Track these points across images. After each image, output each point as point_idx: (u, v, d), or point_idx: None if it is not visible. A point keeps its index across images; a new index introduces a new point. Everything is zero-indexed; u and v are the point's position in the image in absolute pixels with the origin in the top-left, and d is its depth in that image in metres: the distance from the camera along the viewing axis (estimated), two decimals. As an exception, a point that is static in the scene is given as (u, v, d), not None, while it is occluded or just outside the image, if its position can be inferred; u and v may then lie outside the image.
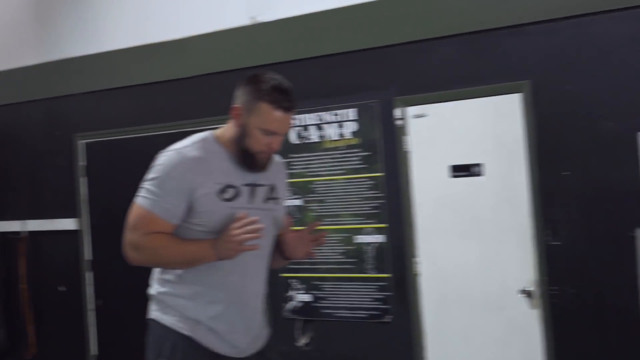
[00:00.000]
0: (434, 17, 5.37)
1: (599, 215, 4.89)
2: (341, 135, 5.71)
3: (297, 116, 5.83)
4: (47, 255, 7.36)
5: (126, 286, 6.87)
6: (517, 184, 5.14)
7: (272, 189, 3.52)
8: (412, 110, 5.47)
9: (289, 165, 5.87)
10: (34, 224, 7.33)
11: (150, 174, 3.32)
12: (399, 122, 5.48)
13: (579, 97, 4.93)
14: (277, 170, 3.59)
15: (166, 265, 3.36)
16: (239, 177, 3.37)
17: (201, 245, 3.24)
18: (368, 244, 5.65)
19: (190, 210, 3.27)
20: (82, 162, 7.08)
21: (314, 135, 5.82)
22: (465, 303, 5.37)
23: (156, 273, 3.49)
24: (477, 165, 5.27)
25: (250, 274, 3.40)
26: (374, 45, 5.58)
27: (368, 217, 5.64)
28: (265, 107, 3.25)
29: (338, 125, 5.72)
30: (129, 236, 3.31)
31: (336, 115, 5.73)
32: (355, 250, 5.70)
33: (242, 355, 3.43)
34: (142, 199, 3.29)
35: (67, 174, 7.14)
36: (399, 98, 5.48)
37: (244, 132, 3.30)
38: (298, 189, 5.87)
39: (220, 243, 3.18)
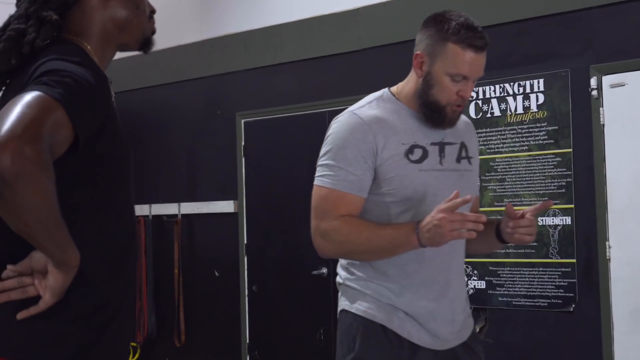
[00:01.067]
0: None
1: None
2: (526, 108, 5.29)
3: (475, 88, 5.44)
4: (201, 238, 7.17)
5: (280, 272, 6.64)
6: None
7: (463, 147, 3.00)
8: (608, 79, 5.00)
9: (466, 140, 5.49)
10: (190, 206, 7.13)
11: (325, 147, 2.87)
12: (593, 93, 5.03)
13: None
14: (465, 128, 3.05)
15: (359, 255, 2.86)
16: (425, 136, 2.88)
17: (401, 229, 2.73)
18: (552, 226, 5.21)
19: (375, 179, 2.83)
20: (242, 142, 6.85)
21: (495, 109, 5.42)
22: (662, 292, 4.87)
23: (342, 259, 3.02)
24: (684, 138, 4.78)
25: (449, 246, 2.80)
26: (566, 9, 5.17)
27: (553, 197, 5.20)
28: (453, 48, 2.79)
29: (523, 97, 5.31)
30: (316, 224, 2.84)
31: (521, 86, 5.31)
32: (538, 233, 5.19)
33: (446, 347, 2.89)
34: (322, 178, 2.84)
35: (227, 155, 6.94)
36: (594, 66, 5.04)
37: (429, 82, 2.83)
38: (475, 167, 5.47)
39: (426, 227, 2.64)
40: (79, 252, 1.94)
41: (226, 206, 6.91)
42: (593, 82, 5.02)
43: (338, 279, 2.99)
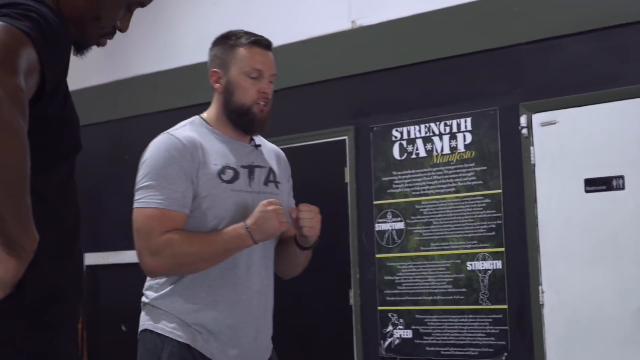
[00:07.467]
0: (565, 10, 4.78)
1: None
2: (453, 148, 5.09)
3: (400, 128, 5.23)
4: (107, 291, 6.76)
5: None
6: (667, 198, 4.50)
7: (271, 172, 3.25)
8: (539, 117, 4.84)
9: (391, 183, 5.25)
10: (95, 257, 6.72)
11: (143, 170, 3.04)
12: (523, 132, 4.86)
13: None
14: (275, 156, 3.33)
15: (193, 266, 2.94)
16: (235, 159, 3.11)
17: (231, 232, 2.92)
18: (482, 270, 4.99)
19: (194, 196, 3.00)
20: (151, 187, 6.53)
21: (420, 150, 5.20)
22: (597, 338, 4.69)
23: (148, 279, 3.14)
24: (618, 177, 4.63)
25: (254, 267, 3.06)
26: (493, 46, 5.00)
27: (482, 240, 5.00)
28: (242, 51, 3.12)
29: (449, 137, 5.11)
30: (143, 244, 2.94)
31: (447, 125, 5.11)
32: (466, 279, 5.04)
33: None
34: (144, 199, 2.96)
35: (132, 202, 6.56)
36: (524, 104, 4.87)
37: (229, 90, 3.11)
38: (401, 211, 5.23)
39: (257, 222, 2.90)
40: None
41: (134, 256, 6.52)
42: (523, 120, 4.85)
43: (144, 299, 3.11)
